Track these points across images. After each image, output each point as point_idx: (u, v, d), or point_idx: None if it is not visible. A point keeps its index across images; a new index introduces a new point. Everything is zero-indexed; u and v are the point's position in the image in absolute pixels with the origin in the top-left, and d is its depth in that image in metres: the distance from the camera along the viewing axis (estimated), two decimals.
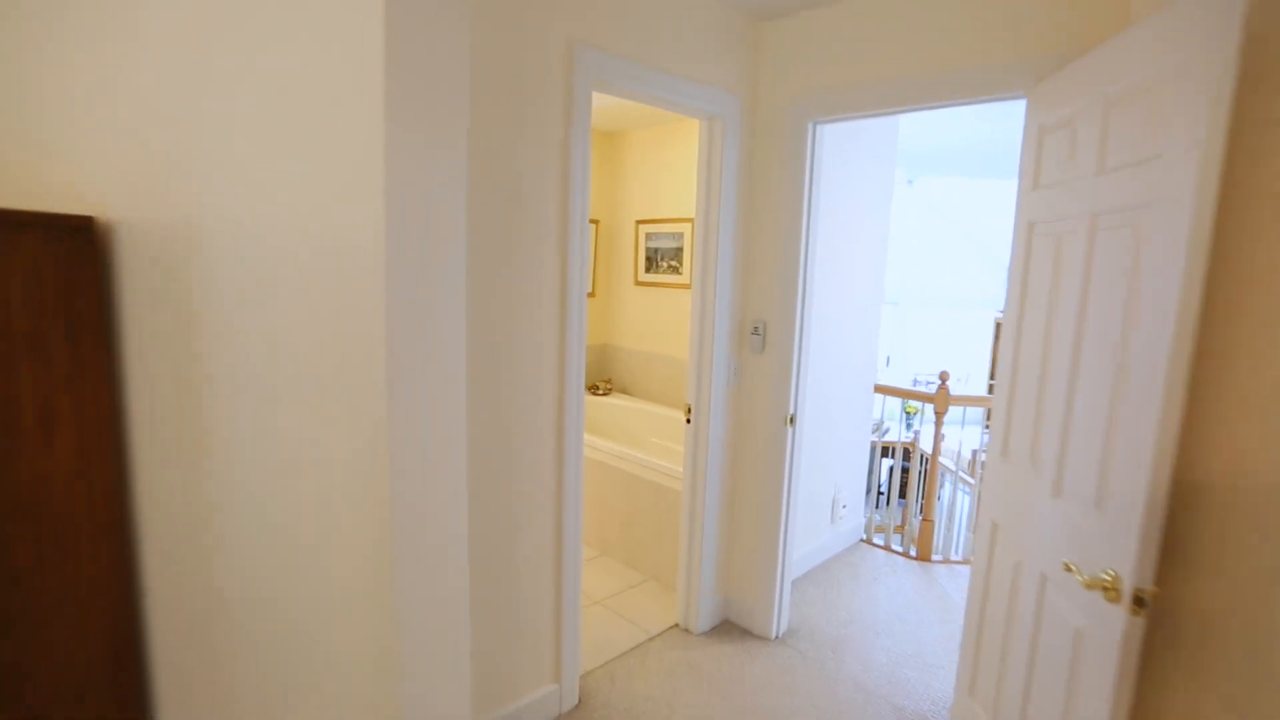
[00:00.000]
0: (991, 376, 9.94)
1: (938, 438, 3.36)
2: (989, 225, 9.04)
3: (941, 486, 3.90)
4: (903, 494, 4.22)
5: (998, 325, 9.93)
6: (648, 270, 4.42)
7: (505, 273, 1.81)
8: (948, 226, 9.64)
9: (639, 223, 4.44)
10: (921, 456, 4.43)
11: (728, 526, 2.74)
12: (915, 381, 10.92)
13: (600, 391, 4.59)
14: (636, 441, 4.34)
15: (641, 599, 2.98)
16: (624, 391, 4.69)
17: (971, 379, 10.74)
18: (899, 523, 4.33)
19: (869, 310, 3.39)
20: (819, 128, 2.37)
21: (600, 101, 3.60)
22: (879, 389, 3.56)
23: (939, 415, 3.31)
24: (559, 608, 2.11)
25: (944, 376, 3.30)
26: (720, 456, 2.61)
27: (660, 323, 4.39)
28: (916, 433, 5.45)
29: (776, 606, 2.66)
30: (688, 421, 2.59)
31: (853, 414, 3.39)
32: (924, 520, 3.41)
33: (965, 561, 3.42)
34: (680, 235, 4.17)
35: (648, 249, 4.41)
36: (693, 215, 4.09)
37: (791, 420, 2.50)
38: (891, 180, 3.38)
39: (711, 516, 2.63)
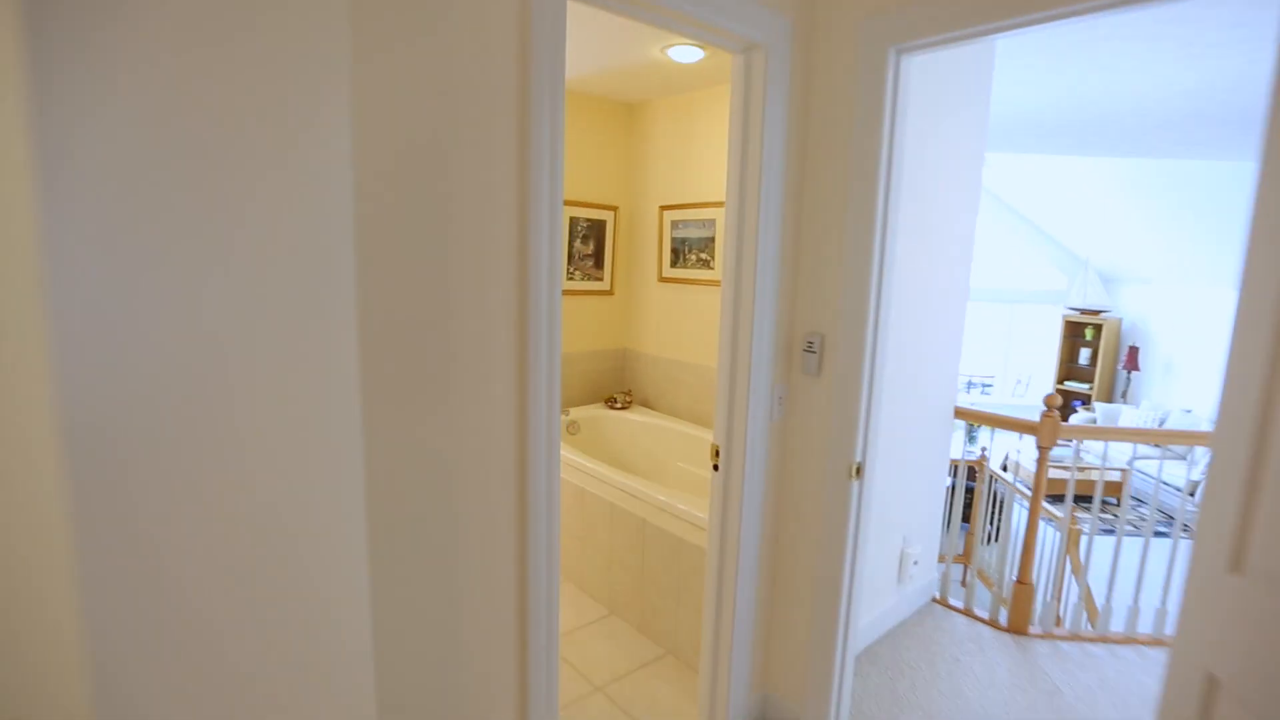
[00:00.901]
0: (1060, 380, 8.95)
1: (1040, 483, 2.62)
2: (1054, 208, 8.04)
3: (995, 503, 3.12)
4: (966, 518, 3.48)
5: (1066, 323, 8.94)
6: (674, 264, 3.76)
7: (427, 264, 1.18)
8: (1002, 209, 8.66)
9: (663, 209, 3.78)
10: (990, 478, 3.66)
11: (767, 604, 2.07)
12: (970, 385, 9.97)
13: (618, 404, 3.95)
14: (659, 467, 3.68)
15: (655, 684, 2.33)
16: (646, 405, 4.05)
17: (1034, 383, 9.75)
18: (959, 551, 3.59)
19: (952, 316, 2.66)
20: (903, 59, 1.67)
21: (612, 60, 2.94)
22: (961, 413, 2.83)
23: (1043, 450, 2.57)
24: None
25: (1050, 402, 2.56)
26: (758, 515, 1.94)
27: (688, 325, 3.72)
28: (985, 450, 4.66)
29: (834, 711, 1.98)
30: (715, 468, 1.92)
31: (929, 445, 2.68)
32: (1019, 583, 2.68)
33: (1074, 637, 2.67)
34: (711, 223, 3.50)
35: (674, 239, 3.74)
36: (720, 199, 3.42)
37: (858, 471, 1.81)
38: (984, 146, 2.64)
39: (746, 591, 1.97)
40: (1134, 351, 8.20)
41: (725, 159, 1.83)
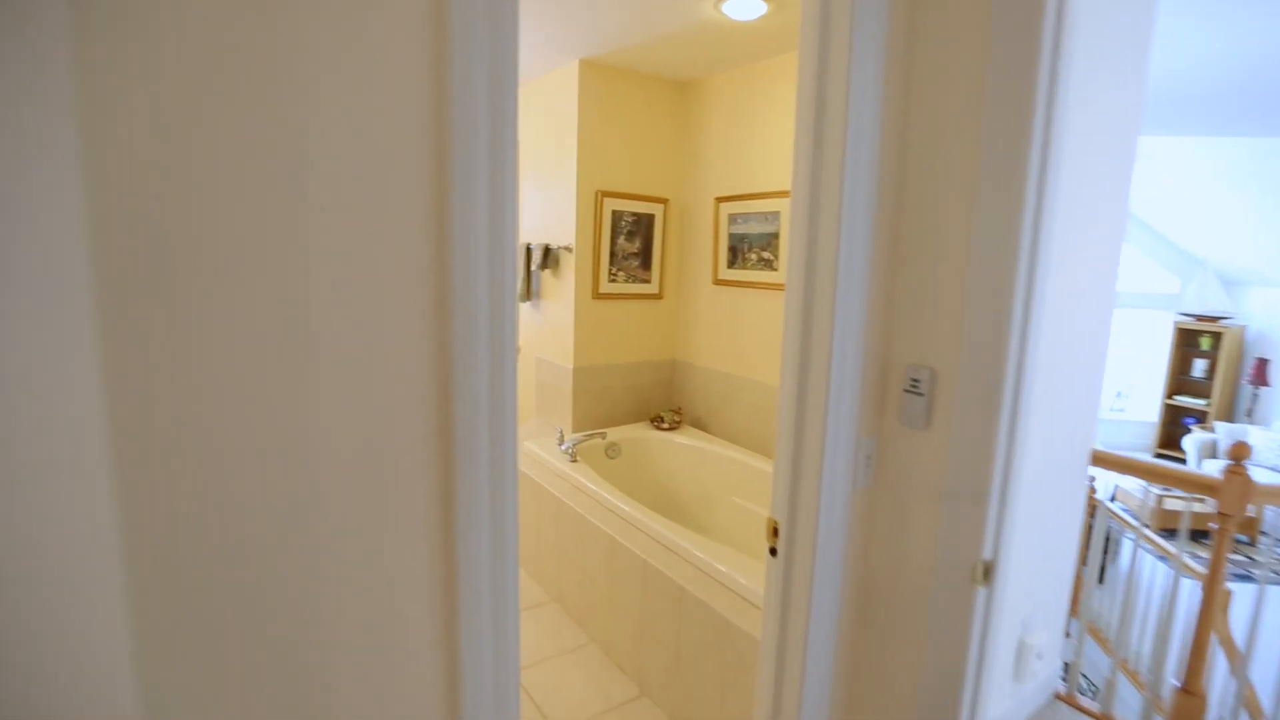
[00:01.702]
0: (1169, 394, 7.80)
1: (1218, 568, 1.93)
2: (1165, 201, 6.94)
3: (1109, 544, 2.41)
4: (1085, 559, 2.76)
5: (1179, 330, 7.78)
6: (731, 264, 3.22)
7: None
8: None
9: (720, 201, 3.25)
10: (1099, 511, 2.91)
11: None
12: None
13: (665, 425, 3.45)
14: (709, 500, 3.16)
15: None
16: (697, 425, 3.52)
17: (1137, 396, 8.59)
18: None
19: (1097, 339, 2.01)
20: None
21: (658, 23, 2.42)
22: (1101, 460, 2.16)
23: (1226, 522, 1.89)
24: None
25: (1238, 453, 1.88)
26: (832, 619, 1.39)
27: (747, 335, 3.18)
28: (1091, 478, 3.85)
29: None
30: (772, 552, 1.39)
31: (1062, 505, 2.04)
32: (1184, 692, 2.01)
33: None
34: (775, 216, 2.94)
35: (731, 236, 3.21)
36: (787, 188, 2.86)
37: (986, 574, 1.24)
38: (1140, 115, 1.98)
39: (813, 709, 1.43)
40: (1262, 364, 7.05)
41: (793, 139, 1.30)
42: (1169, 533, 4.94)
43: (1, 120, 0.55)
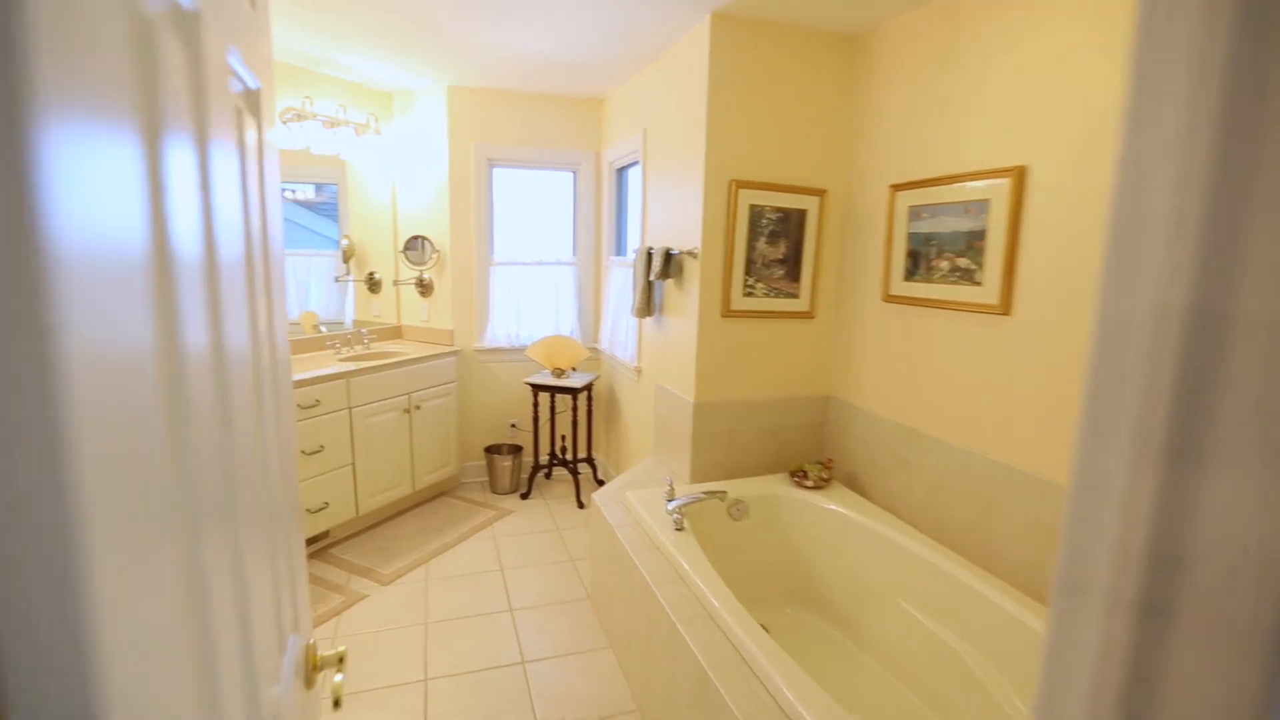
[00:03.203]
0: None
1: None
2: None
3: None
4: None
5: None
6: (911, 275, 2.35)
7: None
8: None
9: (896, 189, 2.39)
10: None
11: None
12: None
13: (810, 482, 2.64)
14: (860, 597, 2.31)
15: None
16: (853, 486, 2.67)
17: None
18: None
19: None
20: None
21: None
22: None
23: None
24: None
25: None
26: None
27: (933, 373, 2.29)
28: None
29: None
30: None
31: None
32: None
33: None
34: (982, 207, 2.03)
35: (912, 237, 2.34)
36: (1013, 164, 1.92)
37: None
38: None
39: None
40: None
41: (1016, 103, 0.52)
42: None
43: None
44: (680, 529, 2.27)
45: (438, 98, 3.71)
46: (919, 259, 2.30)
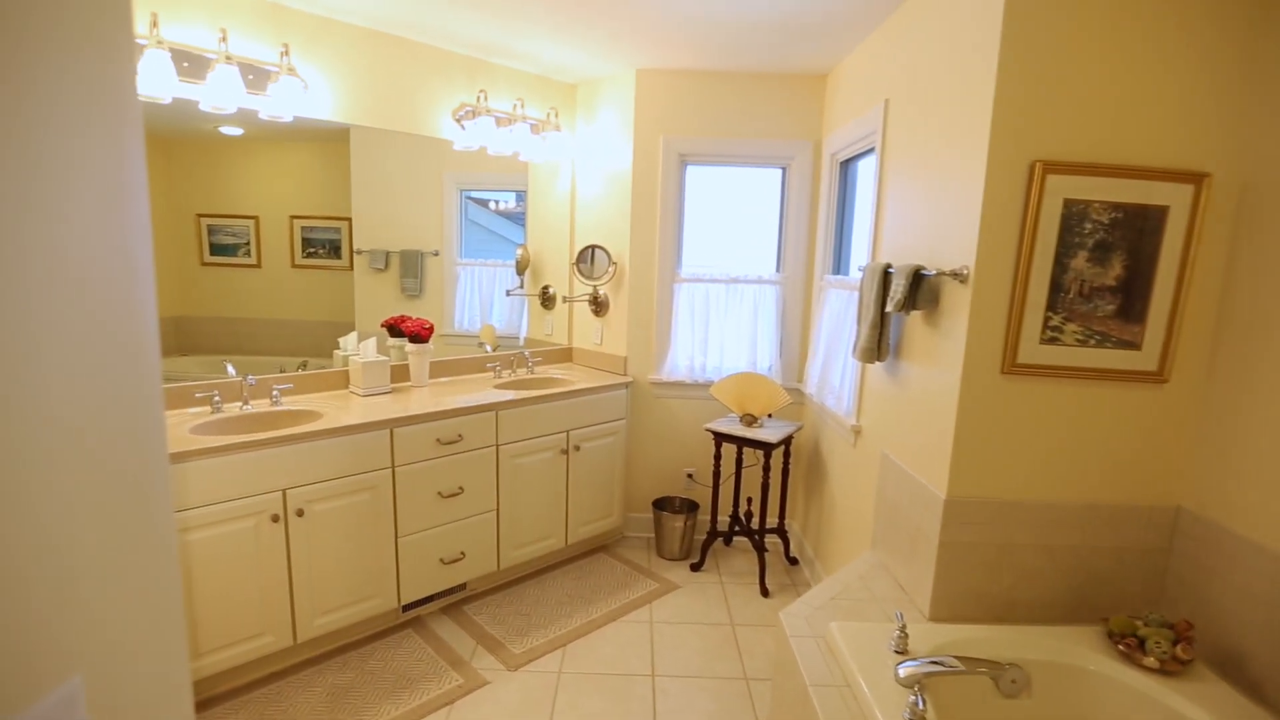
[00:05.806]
0: None
1: None
2: None
3: None
4: None
5: None
6: None
7: None
8: None
9: None
10: None
11: None
12: None
13: (1149, 659, 1.57)
14: None
15: None
16: (1237, 678, 1.53)
17: None
18: None
19: None
20: None
21: None
22: None
23: None
24: None
25: None
26: None
27: None
28: None
29: None
30: None
31: None
32: None
33: None
34: None
35: None
36: None
37: None
38: None
39: None
40: None
41: None
42: None
43: None
44: (920, 704, 1.37)
45: (624, 86, 3.17)
46: None
